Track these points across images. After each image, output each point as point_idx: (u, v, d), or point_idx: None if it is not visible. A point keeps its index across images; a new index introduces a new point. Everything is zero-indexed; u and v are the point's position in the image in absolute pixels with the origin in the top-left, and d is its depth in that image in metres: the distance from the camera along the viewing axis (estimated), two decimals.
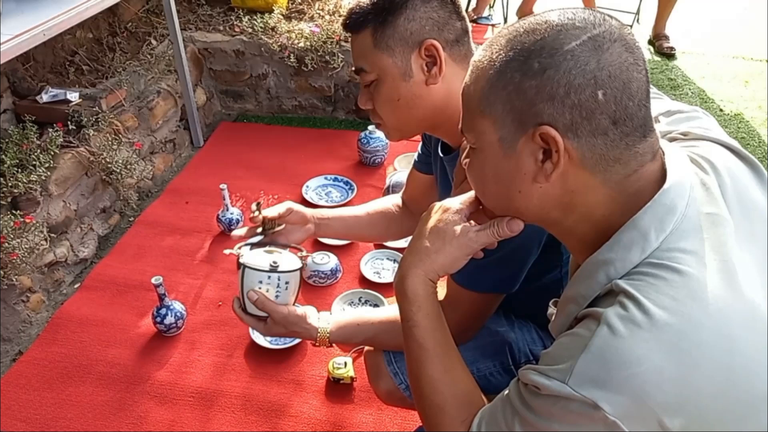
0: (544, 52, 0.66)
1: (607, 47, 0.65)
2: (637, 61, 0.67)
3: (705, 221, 0.67)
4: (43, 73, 2.51)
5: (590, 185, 0.68)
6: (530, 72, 0.66)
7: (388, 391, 1.25)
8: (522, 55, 0.67)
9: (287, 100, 3.08)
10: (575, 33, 0.66)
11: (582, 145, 0.66)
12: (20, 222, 1.91)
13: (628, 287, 0.64)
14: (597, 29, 0.66)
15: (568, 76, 0.65)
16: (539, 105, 0.66)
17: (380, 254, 2.21)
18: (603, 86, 0.64)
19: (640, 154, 0.67)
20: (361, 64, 1.08)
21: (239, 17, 3.03)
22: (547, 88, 0.65)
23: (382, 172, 2.67)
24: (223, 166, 2.74)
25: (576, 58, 0.65)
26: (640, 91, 0.67)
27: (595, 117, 0.65)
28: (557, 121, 0.66)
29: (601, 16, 0.68)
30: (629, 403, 0.61)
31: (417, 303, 0.84)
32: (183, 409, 1.73)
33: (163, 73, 2.72)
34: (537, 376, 0.67)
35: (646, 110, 0.68)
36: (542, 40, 0.66)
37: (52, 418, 1.71)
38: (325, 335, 1.18)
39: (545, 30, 0.67)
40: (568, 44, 0.65)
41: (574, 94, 0.65)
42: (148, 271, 2.13)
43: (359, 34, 1.06)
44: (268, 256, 1.18)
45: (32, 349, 1.93)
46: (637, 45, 0.68)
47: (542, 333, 1.25)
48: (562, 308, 0.75)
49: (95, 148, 2.24)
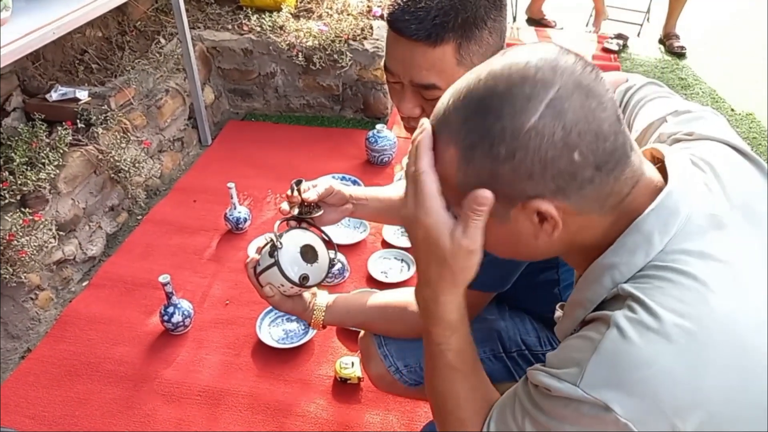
0: (507, 136, 0.63)
1: (567, 107, 0.63)
2: (601, 101, 0.64)
3: (709, 223, 0.67)
4: (52, 72, 2.52)
5: (590, 223, 0.68)
6: (500, 158, 0.64)
7: (379, 374, 1.27)
8: (485, 141, 0.64)
9: (295, 99, 3.08)
10: (532, 105, 0.63)
11: (573, 201, 0.66)
12: (29, 220, 1.92)
13: (635, 291, 0.65)
14: (551, 90, 0.63)
15: (539, 153, 0.63)
16: (520, 185, 0.65)
17: (387, 254, 2.20)
18: (576, 147, 0.63)
19: (629, 177, 0.67)
20: (435, 81, 0.96)
21: (248, 16, 3.03)
22: (522, 168, 0.64)
23: (389, 171, 2.66)
24: (230, 164, 2.75)
25: (541, 133, 0.62)
26: (612, 125, 0.65)
27: (578, 175, 0.64)
28: (543, 192, 0.65)
29: (551, 66, 0.64)
30: (641, 405, 0.61)
31: (452, 327, 0.79)
32: (190, 407, 1.73)
33: (172, 72, 2.73)
34: (547, 378, 0.67)
35: (623, 136, 0.66)
36: (500, 122, 0.63)
37: (60, 416, 1.72)
38: (320, 319, 1.19)
39: (498, 107, 0.64)
40: (528, 121, 0.62)
41: (551, 167, 0.63)
42: (156, 269, 2.13)
43: (436, 48, 0.94)
44: (301, 261, 1.09)
45: (40, 346, 1.94)
46: (595, 80, 0.65)
47: (536, 324, 1.26)
48: (569, 312, 0.75)
49: (104, 146, 2.25)
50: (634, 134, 0.88)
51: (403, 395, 1.44)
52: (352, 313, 1.23)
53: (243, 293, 2.09)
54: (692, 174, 0.71)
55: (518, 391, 0.74)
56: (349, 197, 1.23)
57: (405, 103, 1.02)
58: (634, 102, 0.92)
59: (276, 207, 2.48)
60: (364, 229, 2.31)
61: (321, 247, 1.14)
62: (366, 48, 2.84)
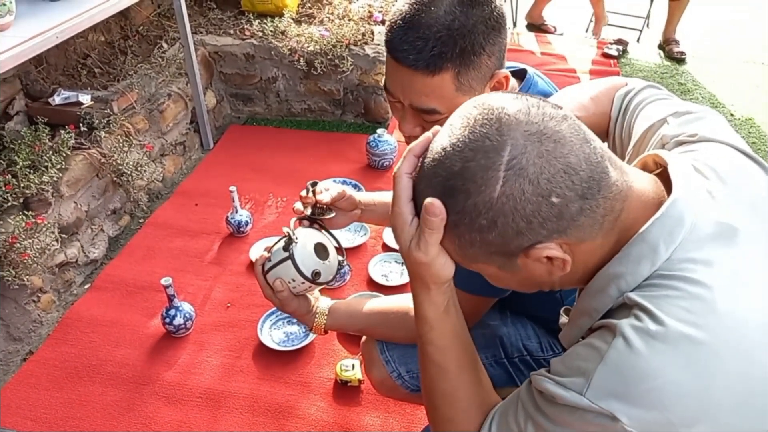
0: (482, 208, 0.64)
1: (525, 162, 0.63)
2: (557, 138, 0.64)
3: (715, 229, 0.67)
4: (55, 76, 2.54)
5: (597, 245, 0.69)
6: (484, 229, 0.66)
7: (381, 380, 1.27)
8: (464, 219, 0.66)
9: (296, 104, 3.10)
10: (492, 175, 0.63)
11: (572, 234, 0.66)
12: (32, 222, 1.93)
13: (641, 300, 0.64)
14: (504, 153, 0.63)
15: (517, 213, 0.64)
16: (513, 242, 0.66)
17: (388, 257, 2.21)
18: (551, 192, 0.63)
19: (618, 190, 0.67)
20: (435, 106, 0.98)
21: (249, 21, 3.05)
22: (509, 230, 0.65)
23: (390, 175, 2.66)
24: (232, 168, 2.76)
25: (511, 196, 0.63)
26: (577, 154, 0.64)
27: (565, 213, 0.64)
28: (538, 239, 0.66)
29: (495, 128, 0.64)
30: (647, 415, 0.61)
31: (429, 324, 0.81)
32: (191, 409, 1.74)
33: (174, 76, 2.74)
34: (553, 386, 0.67)
35: (595, 154, 0.65)
36: (471, 200, 0.65)
37: (62, 418, 1.73)
38: (321, 324, 1.19)
39: (462, 185, 0.65)
40: (495, 191, 0.63)
41: (535, 218, 0.64)
42: (158, 272, 2.14)
43: (435, 76, 0.95)
44: (314, 256, 1.11)
45: (42, 348, 1.94)
46: (543, 117, 0.65)
47: (538, 329, 1.26)
48: (574, 320, 0.75)
49: (106, 149, 2.26)
50: (634, 137, 0.88)
51: (405, 400, 1.44)
52: (354, 318, 1.23)
53: (244, 296, 2.10)
54: (696, 181, 0.70)
55: (521, 395, 0.74)
56: (358, 203, 1.25)
57: (406, 124, 1.04)
58: (634, 105, 0.93)
59: (277, 211, 2.49)
60: (364, 233, 2.32)
61: (331, 248, 1.15)
62: (367, 53, 2.85)
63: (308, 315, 1.19)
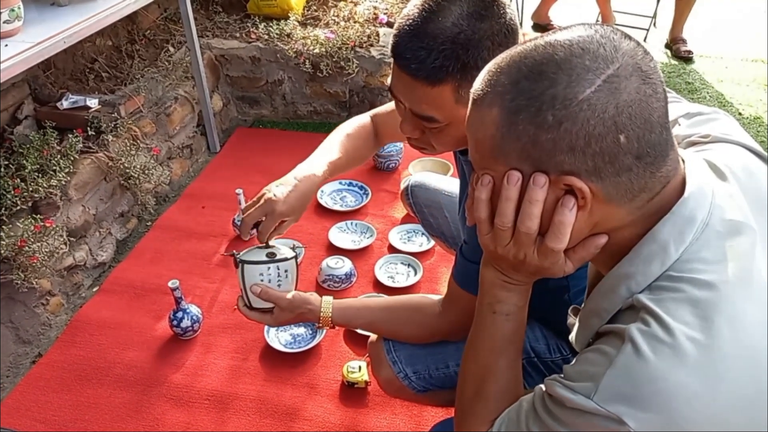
0: (557, 103, 0.62)
1: (624, 86, 0.61)
2: (656, 90, 0.64)
3: (727, 229, 0.66)
4: (63, 80, 2.56)
5: (615, 215, 0.67)
6: (545, 125, 0.62)
7: (388, 380, 1.29)
8: (533, 106, 0.63)
9: (302, 106, 3.10)
10: (588, 78, 0.61)
11: (606, 185, 0.64)
12: (40, 226, 1.94)
13: (649, 302, 0.64)
14: (611, 67, 0.62)
15: (587, 126, 0.61)
16: (558, 156, 0.63)
17: (394, 258, 2.21)
18: (624, 129, 0.62)
19: (663, 176, 0.66)
20: (434, 114, 0.98)
21: (255, 24, 3.06)
22: (566, 140, 0.62)
23: (396, 177, 2.67)
24: (238, 171, 2.77)
25: (593, 106, 0.61)
26: (660, 117, 0.64)
27: (618, 159, 0.63)
28: (579, 169, 0.63)
29: (613, 45, 0.63)
30: (655, 419, 0.61)
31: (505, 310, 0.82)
32: (198, 411, 1.74)
33: (181, 80, 2.76)
34: (562, 390, 0.67)
35: (667, 132, 0.65)
36: (553, 89, 0.62)
37: (71, 420, 1.74)
38: (328, 315, 1.22)
39: (554, 73, 0.62)
40: (582, 92, 0.61)
41: (595, 143, 0.62)
42: (165, 274, 2.15)
43: (435, 87, 0.95)
44: (262, 251, 1.23)
45: (51, 351, 1.96)
46: (653, 68, 0.65)
47: (546, 332, 1.26)
48: (584, 321, 0.75)
49: (114, 153, 2.28)
50: None
51: (412, 401, 1.45)
52: (361, 312, 1.26)
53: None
54: (710, 180, 0.70)
55: (534, 398, 0.75)
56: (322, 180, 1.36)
57: (405, 125, 1.06)
58: None
59: None
60: (370, 235, 2.32)
61: (276, 243, 1.25)
62: (372, 55, 2.86)
63: (311, 313, 1.22)
